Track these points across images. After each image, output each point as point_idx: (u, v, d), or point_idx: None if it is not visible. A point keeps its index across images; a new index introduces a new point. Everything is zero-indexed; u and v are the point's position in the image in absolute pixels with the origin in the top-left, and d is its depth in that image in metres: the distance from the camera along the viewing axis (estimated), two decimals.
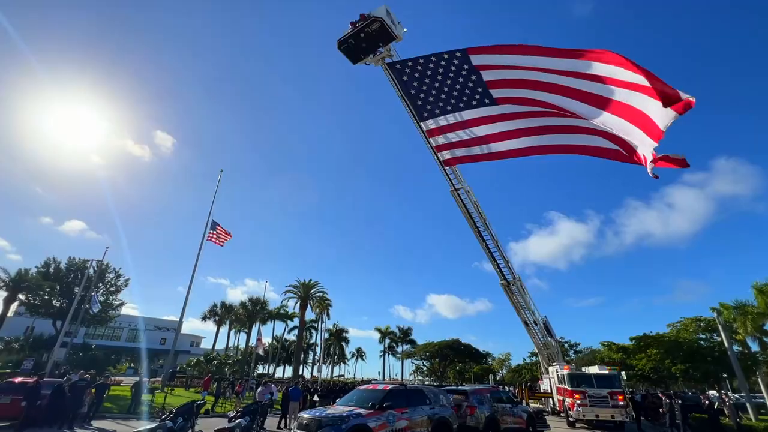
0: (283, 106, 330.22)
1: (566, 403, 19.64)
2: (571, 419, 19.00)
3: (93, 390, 15.93)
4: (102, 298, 34.15)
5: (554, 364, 23.95)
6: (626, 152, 6.07)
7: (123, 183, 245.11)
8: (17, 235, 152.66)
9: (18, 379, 15.02)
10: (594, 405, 18.16)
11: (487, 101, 7.46)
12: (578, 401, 18.33)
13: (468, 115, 7.81)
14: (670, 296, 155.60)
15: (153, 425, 7.09)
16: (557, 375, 21.94)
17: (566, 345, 56.78)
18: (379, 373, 72.10)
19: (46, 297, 32.08)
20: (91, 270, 30.49)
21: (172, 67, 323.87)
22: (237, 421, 7.76)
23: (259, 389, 18.57)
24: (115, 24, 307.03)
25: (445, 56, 7.18)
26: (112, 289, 35.50)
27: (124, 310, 44.19)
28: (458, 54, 7.02)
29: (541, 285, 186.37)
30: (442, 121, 8.17)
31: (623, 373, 23.69)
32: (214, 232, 30.34)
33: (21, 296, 30.22)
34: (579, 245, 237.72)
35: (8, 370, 24.93)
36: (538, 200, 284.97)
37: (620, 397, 18.32)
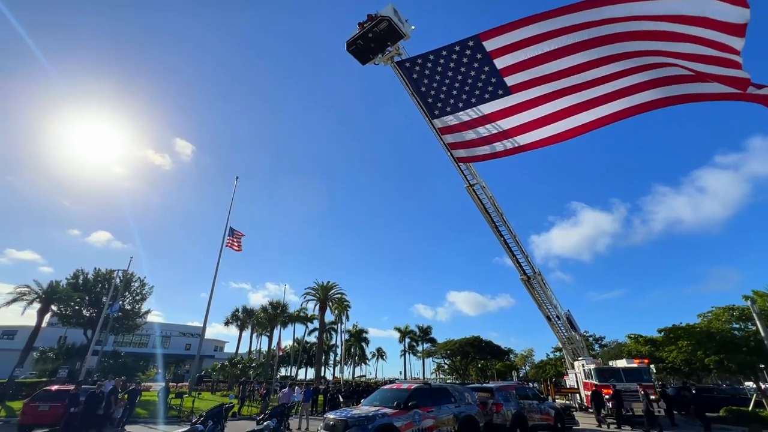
0: (297, 109, 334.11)
1: None
2: (600, 414, 18.57)
3: (125, 396, 16.46)
4: (129, 307, 35.26)
5: (580, 358, 23.45)
6: (713, 86, 5.32)
7: (145, 192, 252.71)
8: (48, 248, 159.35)
9: (54, 387, 15.57)
10: (624, 399, 17.72)
11: (500, 92, 7.21)
12: (607, 396, 17.90)
13: (480, 111, 7.59)
14: (701, 285, 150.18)
15: (185, 429, 7.24)
16: (584, 370, 21.48)
17: (591, 339, 55.52)
18: (400, 372, 72.10)
19: (77, 307, 33.30)
20: (117, 280, 31.46)
21: (188, 73, 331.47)
22: (265, 423, 7.85)
23: (282, 391, 18.72)
24: (130, 33, 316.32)
25: (457, 48, 7.00)
26: (137, 297, 36.55)
27: (150, 318, 45.47)
28: (470, 43, 6.80)
29: (565, 278, 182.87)
30: (454, 119, 7.98)
31: (652, 366, 22.97)
32: (232, 238, 30.87)
33: (53, 307, 31.38)
34: (604, 235, 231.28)
35: (45, 379, 25.95)
36: (560, 191, 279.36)
37: (651, 391, 17.83)
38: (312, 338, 64.83)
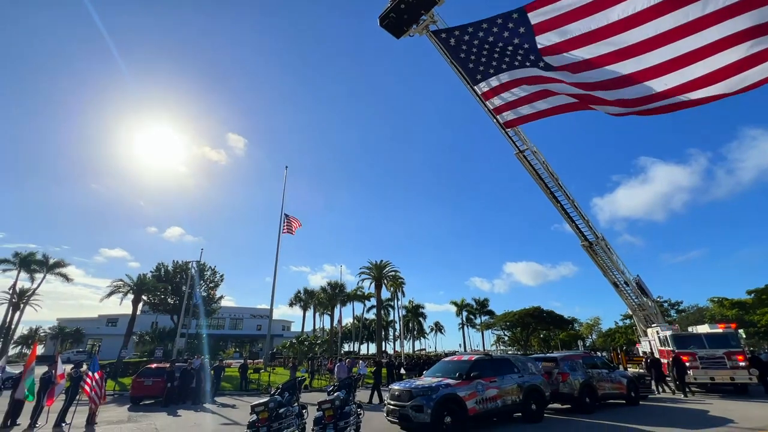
0: (336, 94, 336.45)
1: None
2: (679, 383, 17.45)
3: (212, 372, 18.53)
4: (204, 294, 39.09)
5: (654, 325, 21.98)
6: None
7: (207, 187, 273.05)
8: (133, 245, 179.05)
9: (154, 365, 17.96)
10: (707, 367, 16.45)
11: (541, 65, 6.58)
12: (687, 363, 16.71)
13: (524, 73, 7.03)
14: None
15: (265, 399, 7.98)
16: (659, 337, 20.13)
17: (666, 304, 51.66)
18: (459, 345, 72.82)
19: (162, 296, 37.59)
20: (192, 270, 34.80)
21: (232, 68, 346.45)
22: (336, 394, 8.42)
23: (337, 365, 19.33)
24: (179, 34, 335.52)
25: (499, 20, 6.48)
26: (211, 285, 40.30)
27: (224, 303, 50.07)
28: (514, 15, 6.21)
29: (635, 241, 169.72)
30: (497, 80, 7.48)
31: (741, 330, 20.91)
32: (287, 222, 32.52)
33: (144, 297, 35.64)
34: (681, 191, 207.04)
35: (144, 358, 29.84)
36: (625, 147, 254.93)
37: (740, 358, 16.32)
38: (371, 315, 67.45)
